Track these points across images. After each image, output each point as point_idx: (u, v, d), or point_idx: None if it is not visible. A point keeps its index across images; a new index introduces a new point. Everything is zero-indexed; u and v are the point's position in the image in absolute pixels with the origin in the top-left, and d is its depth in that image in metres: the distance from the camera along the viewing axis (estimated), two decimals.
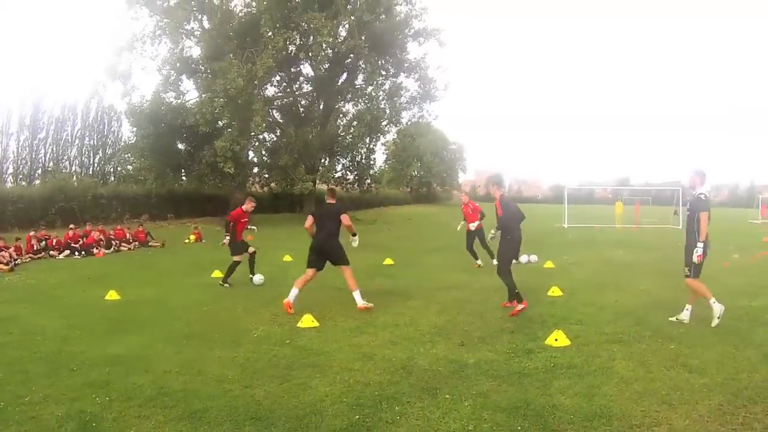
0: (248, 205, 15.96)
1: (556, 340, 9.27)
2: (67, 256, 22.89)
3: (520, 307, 11.65)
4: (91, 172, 54.25)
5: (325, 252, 12.61)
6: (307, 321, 10.65)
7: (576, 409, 6.49)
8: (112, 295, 13.46)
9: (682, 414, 6.36)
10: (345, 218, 12.51)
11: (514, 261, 13.65)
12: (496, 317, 11.20)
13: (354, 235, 12.92)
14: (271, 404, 6.68)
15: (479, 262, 18.80)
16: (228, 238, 15.73)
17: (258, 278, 15.23)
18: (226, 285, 15.23)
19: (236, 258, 15.55)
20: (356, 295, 12.27)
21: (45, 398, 6.83)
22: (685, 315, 10.84)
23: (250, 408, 6.54)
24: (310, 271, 12.52)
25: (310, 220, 12.71)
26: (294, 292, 12.16)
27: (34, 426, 6.08)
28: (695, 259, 10.40)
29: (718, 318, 10.32)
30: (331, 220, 12.55)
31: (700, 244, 10.35)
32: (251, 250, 16.05)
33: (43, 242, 23.32)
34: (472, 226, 18.46)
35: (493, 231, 12.79)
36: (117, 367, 8.02)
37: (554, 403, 6.68)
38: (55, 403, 6.66)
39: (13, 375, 7.76)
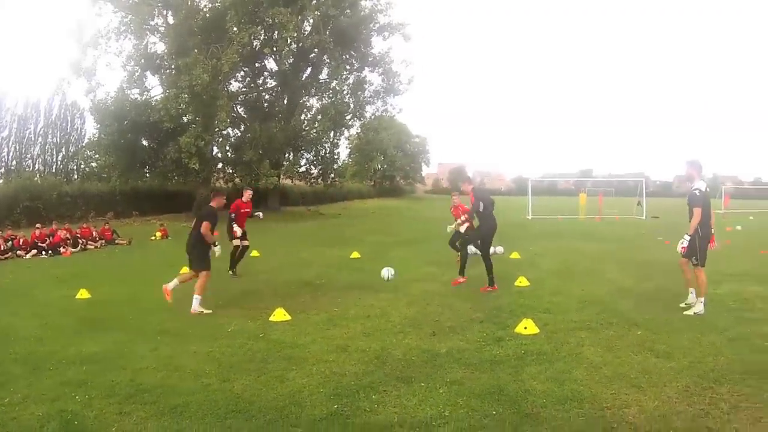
0: (246, 195, 16.70)
1: (525, 328, 9.44)
2: (34, 255, 22.66)
3: (489, 288, 12.85)
4: (54, 170, 53.74)
5: (188, 254, 12.39)
6: (280, 315, 10.73)
7: (548, 394, 6.67)
8: (83, 294, 13.38)
9: (651, 396, 6.57)
10: (203, 226, 11.95)
11: (491, 251, 13.94)
12: (465, 308, 11.34)
13: (214, 245, 12.45)
14: (250, 397, 6.75)
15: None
16: (235, 228, 16.09)
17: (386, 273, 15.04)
18: (233, 271, 16.30)
19: (234, 242, 16.24)
20: (196, 299, 11.90)
21: (24, 399, 6.82)
22: (692, 299, 11.15)
23: (230, 401, 6.61)
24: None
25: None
26: (174, 282, 12.29)
27: (16, 427, 6.09)
28: (679, 249, 10.90)
29: (694, 313, 10.60)
30: (198, 223, 12.24)
31: (686, 236, 10.79)
32: (245, 242, 16.46)
33: (10, 242, 23.02)
34: (459, 222, 18.26)
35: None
36: (94, 366, 8.01)
37: (527, 388, 6.85)
38: (35, 403, 6.65)
39: None
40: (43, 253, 22.83)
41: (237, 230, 16.08)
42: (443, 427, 5.88)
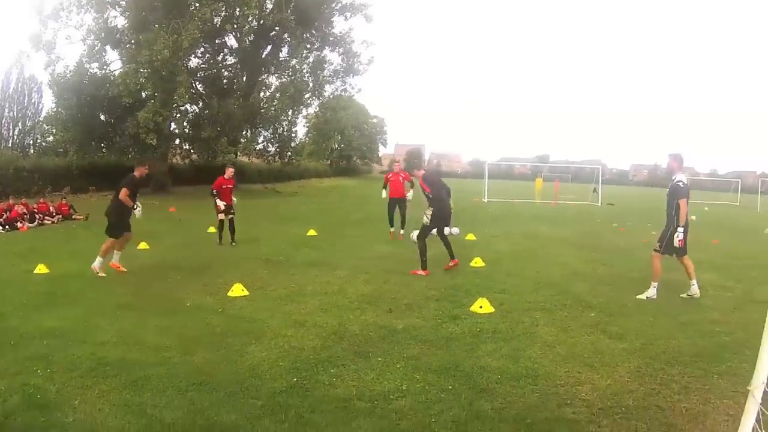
0: (228, 173, 17.88)
1: (480, 307, 9.59)
2: None
3: (421, 272, 12.75)
4: (11, 145, 52.94)
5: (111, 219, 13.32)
6: (237, 290, 10.78)
7: (503, 370, 6.81)
8: (42, 269, 13.23)
9: (604, 375, 6.74)
10: (121, 192, 12.96)
11: (446, 231, 14.05)
12: (421, 286, 11.46)
13: (134, 208, 13.45)
14: (210, 370, 6.80)
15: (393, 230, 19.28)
16: (218, 202, 17.53)
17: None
18: (224, 242, 17.72)
19: (220, 216, 17.55)
20: (98, 260, 12.91)
21: None
22: (694, 290, 11.15)
23: (191, 374, 6.65)
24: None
25: None
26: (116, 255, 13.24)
27: None
28: (676, 243, 10.72)
29: (688, 295, 11.10)
30: (117, 190, 13.23)
31: (680, 229, 10.68)
32: (231, 215, 17.75)
33: None
34: (409, 196, 18.79)
35: (426, 216, 13.12)
36: (55, 340, 7.97)
37: (482, 365, 6.98)
38: None
39: None
40: (0, 228, 22.49)
41: (220, 204, 17.34)
42: (400, 400, 5.99)
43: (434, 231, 13.22)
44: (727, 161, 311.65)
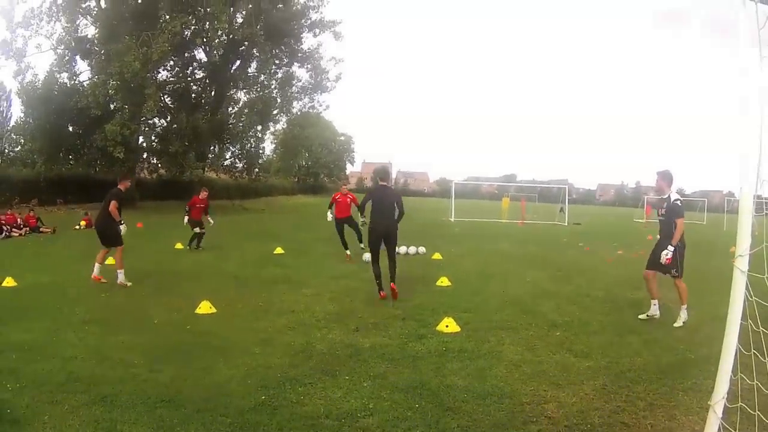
0: (202, 194, 20.27)
1: (446, 326, 9.65)
2: None
3: (379, 295, 12.31)
4: None
5: (97, 232, 14.01)
6: (205, 307, 10.77)
7: (469, 389, 6.87)
8: (9, 282, 13.13)
9: (570, 393, 6.82)
10: (111, 205, 13.54)
11: (413, 251, 13.94)
12: (387, 305, 11.50)
13: (120, 223, 13.72)
14: (179, 387, 6.79)
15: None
16: (186, 218, 19.98)
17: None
18: (194, 247, 19.91)
19: (195, 229, 19.76)
20: (120, 274, 13.37)
21: None
22: (683, 315, 10.79)
23: (160, 391, 6.63)
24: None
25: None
26: (97, 267, 13.58)
27: None
28: (663, 260, 10.47)
29: (683, 323, 10.63)
30: (106, 203, 13.75)
31: (670, 247, 10.43)
32: (203, 231, 20.04)
33: None
34: (329, 217, 19.40)
35: (362, 219, 13.66)
36: (23, 354, 7.92)
37: (448, 384, 7.04)
38: None
39: None
40: None
41: (185, 219, 19.91)
42: (368, 419, 6.01)
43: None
44: (694, 181, 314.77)
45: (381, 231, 12.47)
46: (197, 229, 19.89)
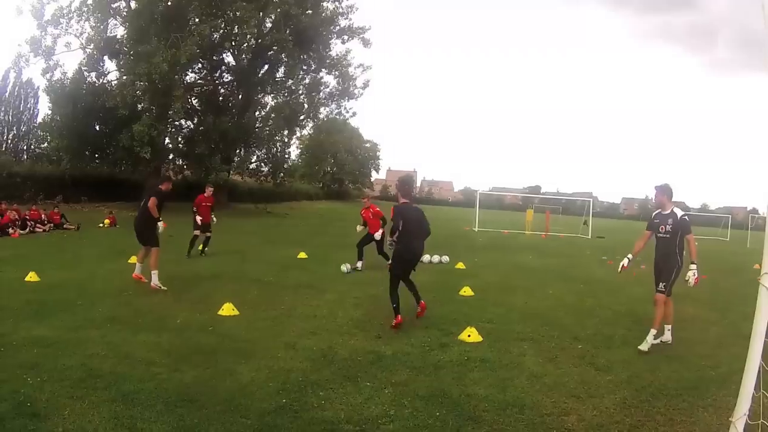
0: (207, 191, 19.52)
1: (469, 336, 9.63)
2: None
3: (394, 322, 10.43)
4: (4, 149, 52.66)
5: (135, 230, 13.71)
6: (228, 309, 10.81)
7: (490, 399, 6.86)
8: (32, 277, 13.29)
9: (590, 406, 6.80)
10: (150, 201, 13.35)
11: (436, 259, 13.46)
12: (410, 314, 11.40)
13: (158, 220, 13.47)
14: (200, 387, 6.81)
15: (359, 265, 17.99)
16: (199, 219, 18.93)
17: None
18: (199, 252, 18.70)
19: (195, 232, 18.75)
20: (153, 275, 13.12)
21: None
22: (667, 336, 10.31)
23: (180, 391, 6.66)
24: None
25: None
26: (138, 267, 13.60)
27: None
28: (692, 282, 9.91)
29: (651, 343, 9.65)
30: (146, 200, 13.59)
31: (693, 266, 9.89)
32: (208, 233, 19.03)
33: None
34: (377, 235, 17.67)
35: (390, 240, 11.27)
36: (45, 349, 7.98)
37: (469, 393, 7.03)
38: None
39: None
40: None
41: (198, 220, 18.69)
42: (388, 425, 6.04)
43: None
44: (718, 196, 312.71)
45: (414, 256, 11.04)
46: (197, 232, 19.11)
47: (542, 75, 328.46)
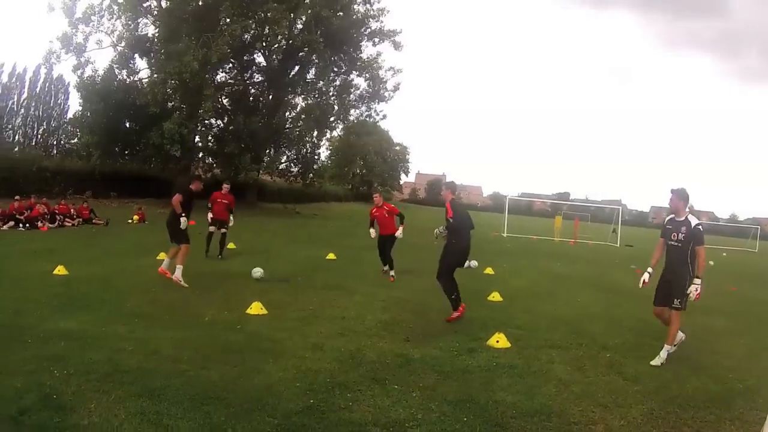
0: (224, 188, 18.66)
1: (497, 341, 9.58)
2: (11, 227, 22.60)
3: (455, 314, 11.32)
4: (34, 144, 53.15)
5: (168, 229, 13.72)
6: (256, 308, 10.81)
7: (517, 406, 6.81)
8: (61, 270, 13.39)
9: (618, 416, 6.75)
10: (174, 198, 13.51)
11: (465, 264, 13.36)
12: (439, 317, 11.41)
13: (180, 216, 13.36)
14: (227, 385, 6.82)
15: (387, 269, 17.03)
16: (210, 215, 18.19)
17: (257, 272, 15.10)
18: (210, 255, 17.77)
19: (210, 228, 18.19)
20: (178, 269, 13.21)
21: (1, 370, 6.79)
22: (663, 355, 9.38)
23: (207, 388, 6.67)
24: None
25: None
26: (166, 261, 13.77)
27: None
28: (693, 297, 9.07)
29: (661, 364, 9.20)
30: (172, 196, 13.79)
31: (698, 280, 9.14)
32: (223, 230, 18.20)
33: None
34: (399, 234, 16.78)
35: (438, 229, 12.13)
36: (71, 342, 8.02)
37: (497, 399, 6.99)
38: (13, 375, 6.63)
39: None
40: (20, 225, 22.72)
41: (209, 216, 18.06)
42: (415, 429, 6.01)
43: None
44: (747, 207, 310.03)
45: (468, 248, 11.91)
46: (213, 228, 18.23)
47: (571, 80, 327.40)
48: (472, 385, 7.50)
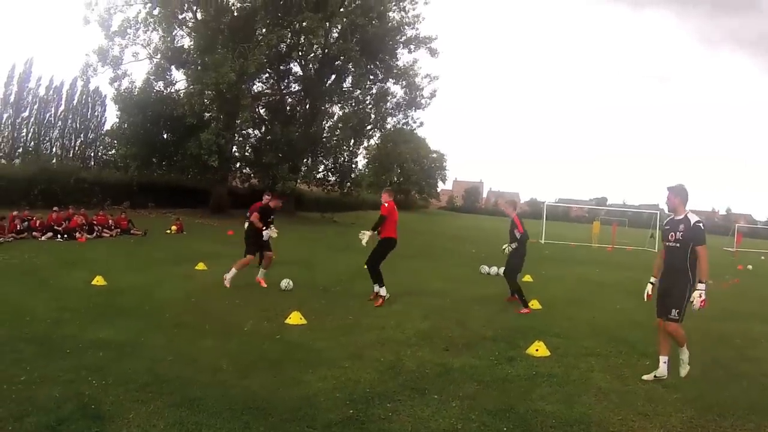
0: (271, 200, 17.66)
1: (536, 350, 9.55)
2: (49, 238, 22.72)
3: (525, 310, 13.37)
4: (72, 156, 53.75)
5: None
6: (296, 318, 10.84)
7: (557, 415, 6.79)
8: (99, 281, 13.51)
9: (657, 424, 6.70)
10: (253, 216, 15.16)
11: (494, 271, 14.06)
12: (478, 326, 11.41)
13: (263, 228, 14.93)
14: (266, 395, 6.85)
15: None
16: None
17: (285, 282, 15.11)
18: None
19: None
20: (231, 271, 14.32)
21: (41, 379, 6.86)
22: (663, 369, 8.70)
23: (247, 398, 6.70)
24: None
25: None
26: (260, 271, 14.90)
27: (32, 406, 6.09)
28: (697, 304, 8.18)
29: (655, 376, 8.61)
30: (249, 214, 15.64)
31: (701, 285, 8.23)
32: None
33: (26, 222, 23.13)
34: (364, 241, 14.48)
35: (507, 246, 14.46)
36: (110, 352, 8.12)
37: (536, 409, 6.96)
38: (51, 384, 6.71)
39: (6, 355, 7.78)
40: (59, 236, 22.91)
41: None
42: None
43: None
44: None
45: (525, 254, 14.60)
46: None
47: (609, 84, 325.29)
48: (512, 394, 7.47)
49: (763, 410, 7.42)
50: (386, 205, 14.06)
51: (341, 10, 43.29)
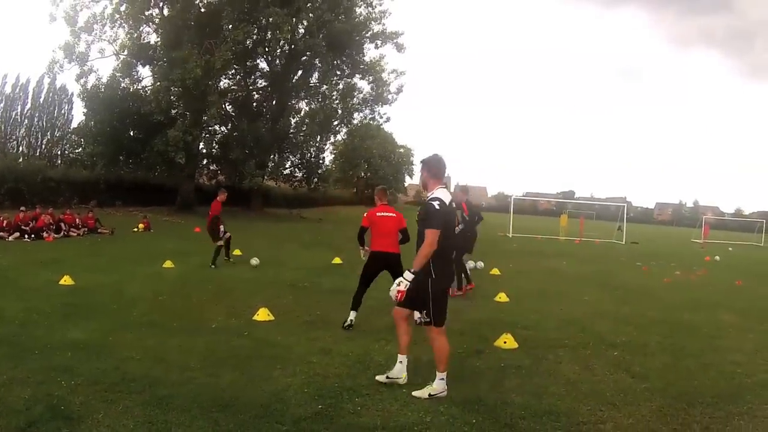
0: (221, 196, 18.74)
1: (505, 342, 9.59)
2: (16, 238, 22.55)
3: (457, 293, 13.81)
4: (38, 154, 53.23)
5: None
6: (263, 314, 10.82)
7: (526, 406, 6.82)
8: (67, 280, 13.38)
9: (626, 414, 6.75)
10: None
11: (471, 265, 14.06)
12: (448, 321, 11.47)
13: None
14: (235, 392, 6.83)
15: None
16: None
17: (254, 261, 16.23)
18: (212, 267, 16.95)
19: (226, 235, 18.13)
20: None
21: (10, 381, 6.81)
22: (441, 386, 7.08)
23: (216, 395, 6.68)
24: None
25: None
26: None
27: (2, 408, 6.05)
28: (394, 295, 7.48)
29: (429, 395, 7.00)
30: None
31: (409, 273, 7.34)
32: (227, 235, 18.04)
33: None
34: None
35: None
36: (79, 352, 8.05)
37: (505, 400, 6.99)
38: (21, 386, 6.65)
39: None
40: (26, 236, 22.73)
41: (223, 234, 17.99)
42: None
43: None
44: (753, 202, 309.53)
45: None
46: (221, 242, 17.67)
47: (576, 80, 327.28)
48: (481, 386, 7.51)
49: (731, 398, 7.50)
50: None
51: (308, 5, 43.28)
